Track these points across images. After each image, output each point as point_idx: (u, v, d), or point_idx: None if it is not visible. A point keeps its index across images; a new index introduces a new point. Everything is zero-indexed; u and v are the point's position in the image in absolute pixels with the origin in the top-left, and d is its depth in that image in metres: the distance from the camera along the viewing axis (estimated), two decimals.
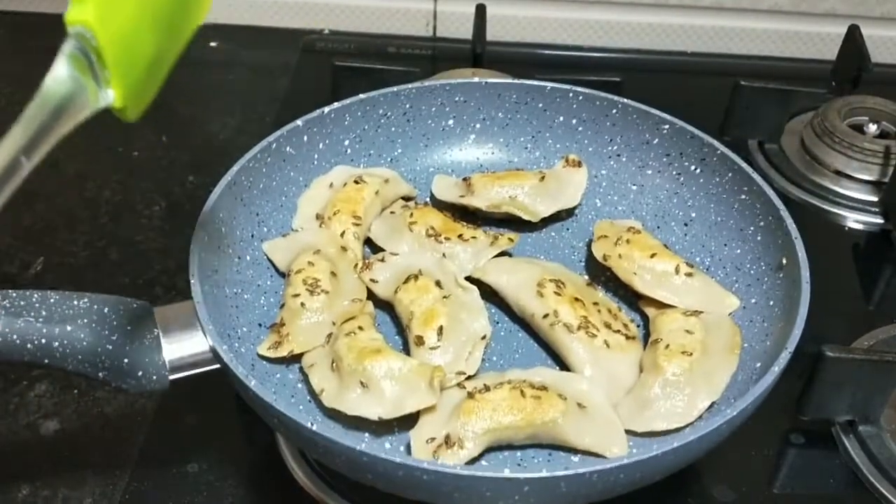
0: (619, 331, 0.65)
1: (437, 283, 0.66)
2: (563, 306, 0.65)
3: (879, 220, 0.89)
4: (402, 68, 0.94)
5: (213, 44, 1.14)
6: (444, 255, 0.70)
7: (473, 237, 0.71)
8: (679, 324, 0.64)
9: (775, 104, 0.94)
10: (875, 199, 0.91)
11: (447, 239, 0.71)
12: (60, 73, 0.42)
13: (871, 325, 0.77)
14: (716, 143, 0.73)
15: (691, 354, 0.61)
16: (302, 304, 0.64)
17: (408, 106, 0.79)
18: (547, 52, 1.14)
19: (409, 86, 0.78)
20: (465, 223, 0.74)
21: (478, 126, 0.81)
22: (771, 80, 0.94)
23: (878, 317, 0.79)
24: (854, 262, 0.86)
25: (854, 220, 0.90)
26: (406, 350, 0.64)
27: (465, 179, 0.76)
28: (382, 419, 0.58)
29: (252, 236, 0.71)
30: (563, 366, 0.65)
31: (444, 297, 0.65)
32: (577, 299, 0.65)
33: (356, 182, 0.74)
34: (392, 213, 0.75)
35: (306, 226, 0.72)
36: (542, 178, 0.76)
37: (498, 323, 0.68)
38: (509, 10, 1.13)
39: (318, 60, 1.08)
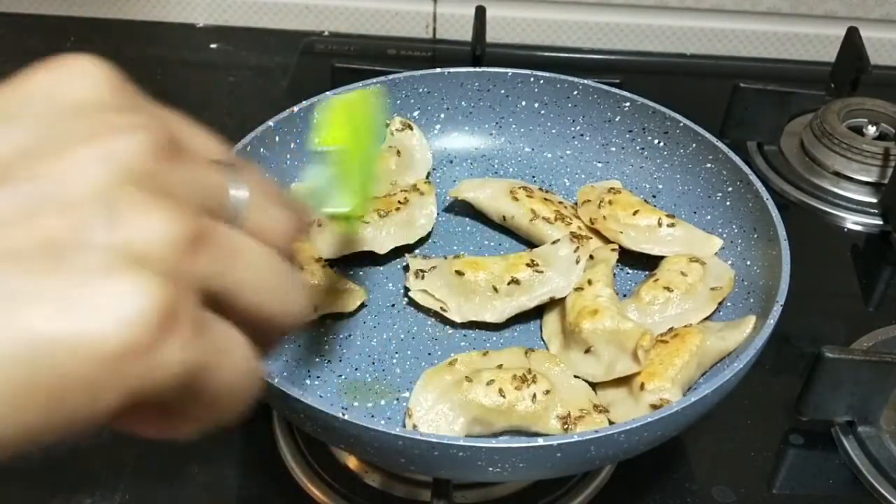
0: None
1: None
2: (537, 204, 0.73)
3: (879, 222, 0.89)
4: (402, 70, 0.95)
5: (213, 45, 1.14)
6: (405, 223, 0.73)
7: (406, 199, 0.73)
8: (679, 266, 0.68)
9: (774, 106, 0.94)
10: (874, 200, 0.91)
11: (397, 210, 0.72)
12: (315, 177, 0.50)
13: (870, 326, 0.77)
14: (678, 115, 0.76)
15: (672, 291, 0.66)
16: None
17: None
18: (546, 53, 1.14)
19: (374, 80, 0.79)
20: (386, 194, 0.74)
21: (442, 116, 0.82)
22: (770, 81, 0.94)
23: (878, 318, 0.79)
24: (853, 264, 0.86)
25: (853, 222, 0.90)
26: None
27: None
28: (599, 380, 0.62)
29: None
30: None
31: None
32: (545, 199, 0.74)
33: None
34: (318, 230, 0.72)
35: None
36: (398, 152, 0.78)
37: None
38: (509, 12, 1.13)
39: (317, 62, 1.08)
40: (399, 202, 0.73)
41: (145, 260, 0.25)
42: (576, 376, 0.62)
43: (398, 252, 0.72)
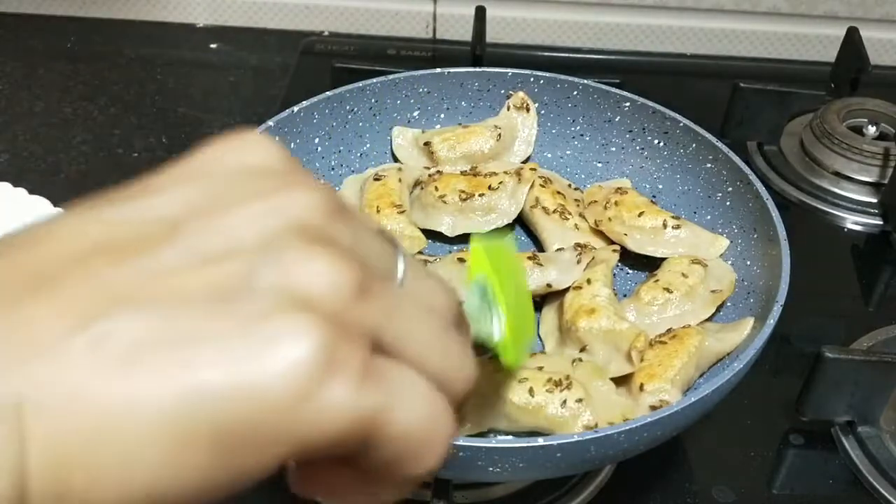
0: None
1: None
2: (544, 194, 0.73)
3: (878, 222, 0.89)
4: (401, 70, 0.95)
5: (213, 45, 1.14)
6: (484, 209, 0.73)
7: (500, 182, 0.74)
8: (681, 267, 0.67)
9: (774, 106, 0.94)
10: (874, 200, 0.91)
11: (481, 195, 0.73)
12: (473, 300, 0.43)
13: (870, 326, 0.77)
14: (678, 115, 0.76)
15: (671, 292, 0.66)
16: None
17: (373, 100, 0.80)
18: (546, 53, 1.14)
19: (374, 80, 0.79)
20: (485, 172, 0.75)
21: (442, 116, 0.82)
22: (770, 81, 0.94)
23: (878, 318, 0.79)
24: (853, 264, 0.86)
25: (853, 222, 0.90)
26: None
27: (425, 144, 0.78)
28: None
29: None
30: None
31: None
32: (559, 192, 0.74)
33: (376, 179, 0.75)
34: (415, 194, 0.76)
35: None
36: (499, 136, 0.78)
37: None
38: (509, 12, 1.13)
39: (317, 62, 1.08)
40: (490, 186, 0.73)
41: (311, 305, 0.24)
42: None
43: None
